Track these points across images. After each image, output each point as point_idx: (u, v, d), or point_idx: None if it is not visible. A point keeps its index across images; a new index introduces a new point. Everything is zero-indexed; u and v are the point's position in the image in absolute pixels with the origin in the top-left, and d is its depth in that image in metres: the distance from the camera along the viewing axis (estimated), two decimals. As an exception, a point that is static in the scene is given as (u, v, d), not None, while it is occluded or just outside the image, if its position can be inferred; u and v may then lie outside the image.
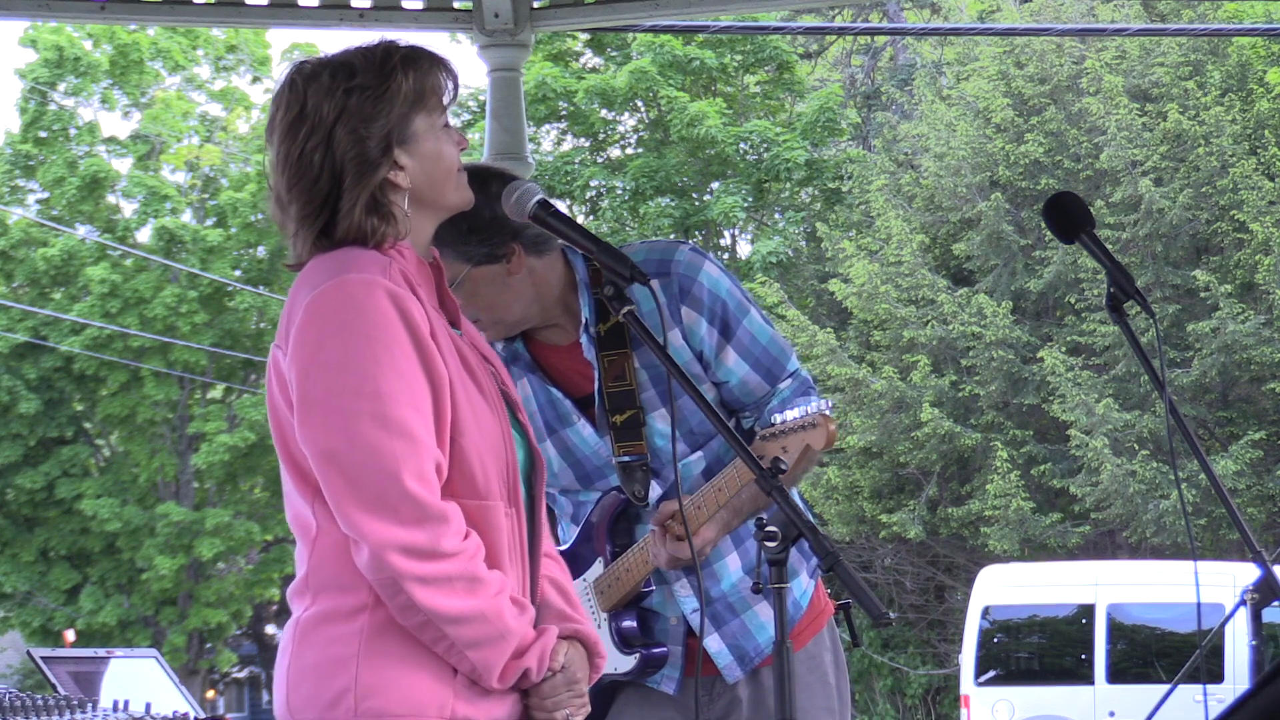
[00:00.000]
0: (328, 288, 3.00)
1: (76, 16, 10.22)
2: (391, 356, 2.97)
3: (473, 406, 3.07)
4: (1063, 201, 4.06)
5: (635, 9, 6.67)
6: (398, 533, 2.93)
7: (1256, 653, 3.98)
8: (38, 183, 32.73)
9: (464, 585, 2.96)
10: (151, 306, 31.30)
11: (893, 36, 29.18)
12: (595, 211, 27.37)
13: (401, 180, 3.10)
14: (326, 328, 2.99)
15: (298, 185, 3.09)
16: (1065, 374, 22.26)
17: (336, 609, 3.01)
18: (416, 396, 2.98)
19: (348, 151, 3.07)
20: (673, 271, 3.92)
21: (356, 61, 3.12)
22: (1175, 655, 17.85)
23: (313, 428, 2.98)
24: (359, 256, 3.05)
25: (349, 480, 2.95)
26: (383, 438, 2.94)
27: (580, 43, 28.35)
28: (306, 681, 3.00)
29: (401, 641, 2.98)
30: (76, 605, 32.02)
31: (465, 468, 3.04)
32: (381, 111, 3.09)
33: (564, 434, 3.99)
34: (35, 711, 5.61)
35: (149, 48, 32.78)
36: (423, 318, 3.03)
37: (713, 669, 3.96)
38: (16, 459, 31.73)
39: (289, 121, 3.11)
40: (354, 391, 2.96)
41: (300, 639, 3.03)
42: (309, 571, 3.05)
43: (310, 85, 3.11)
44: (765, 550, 3.17)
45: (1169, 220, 22.75)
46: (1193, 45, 23.74)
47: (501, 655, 2.99)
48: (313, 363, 2.99)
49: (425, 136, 3.13)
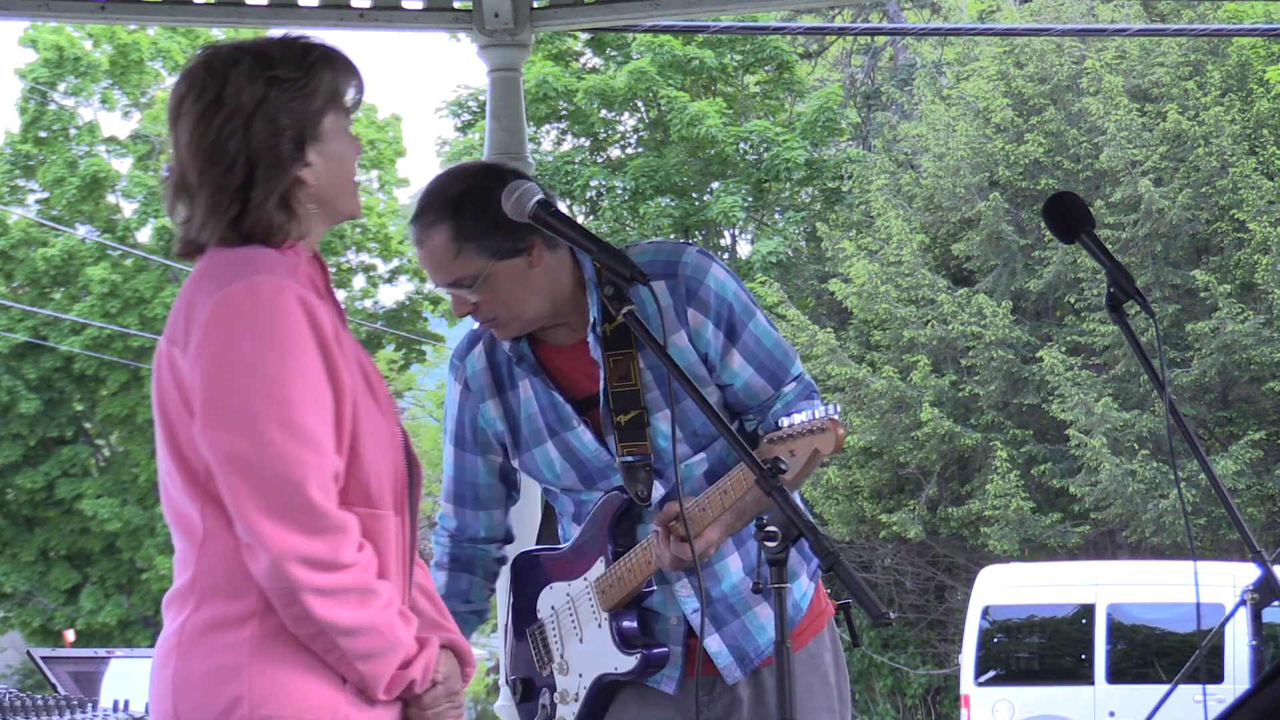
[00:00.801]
0: (237, 288, 2.95)
1: (76, 16, 10.23)
2: (300, 362, 2.93)
3: (370, 415, 3.05)
4: (1063, 201, 4.06)
5: (635, 9, 6.67)
6: (299, 542, 2.90)
7: (1256, 653, 3.99)
8: (38, 183, 32.73)
9: (358, 597, 2.95)
10: (151, 306, 31.31)
11: (893, 36, 29.19)
12: (595, 211, 27.37)
13: (309, 178, 3.06)
14: (235, 329, 2.93)
15: (209, 171, 3.03)
16: (1064, 374, 22.27)
17: (225, 616, 2.96)
18: (322, 404, 2.95)
19: (264, 142, 3.02)
20: (680, 273, 3.91)
21: (275, 52, 3.08)
22: (1175, 655, 17.86)
23: (218, 430, 2.93)
24: (266, 257, 3.00)
25: (254, 486, 2.91)
26: (289, 444, 2.91)
27: (580, 43, 28.35)
28: (195, 690, 2.96)
29: (292, 648, 2.95)
30: (76, 605, 32.02)
31: (361, 477, 3.01)
32: (300, 106, 3.04)
33: (565, 437, 3.98)
34: (35, 711, 5.61)
35: (149, 48, 32.78)
36: (329, 323, 3.00)
37: (713, 669, 3.96)
38: (16, 459, 31.73)
39: (205, 104, 3.04)
40: (262, 396, 2.91)
41: (187, 646, 2.98)
42: (194, 576, 2.99)
43: (230, 70, 3.05)
44: (765, 550, 3.17)
45: (1169, 220, 22.76)
46: (1193, 45, 23.74)
47: (390, 667, 2.99)
48: (220, 364, 2.93)
49: (334, 137, 3.09)
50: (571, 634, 4.00)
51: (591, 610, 3.97)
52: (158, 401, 3.05)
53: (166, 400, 3.02)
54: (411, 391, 35.57)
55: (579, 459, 3.98)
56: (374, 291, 34.44)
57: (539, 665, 4.06)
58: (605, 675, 3.96)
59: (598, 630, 3.96)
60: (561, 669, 4.02)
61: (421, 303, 33.95)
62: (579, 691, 3.99)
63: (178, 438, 3.01)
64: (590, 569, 3.98)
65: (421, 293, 33.98)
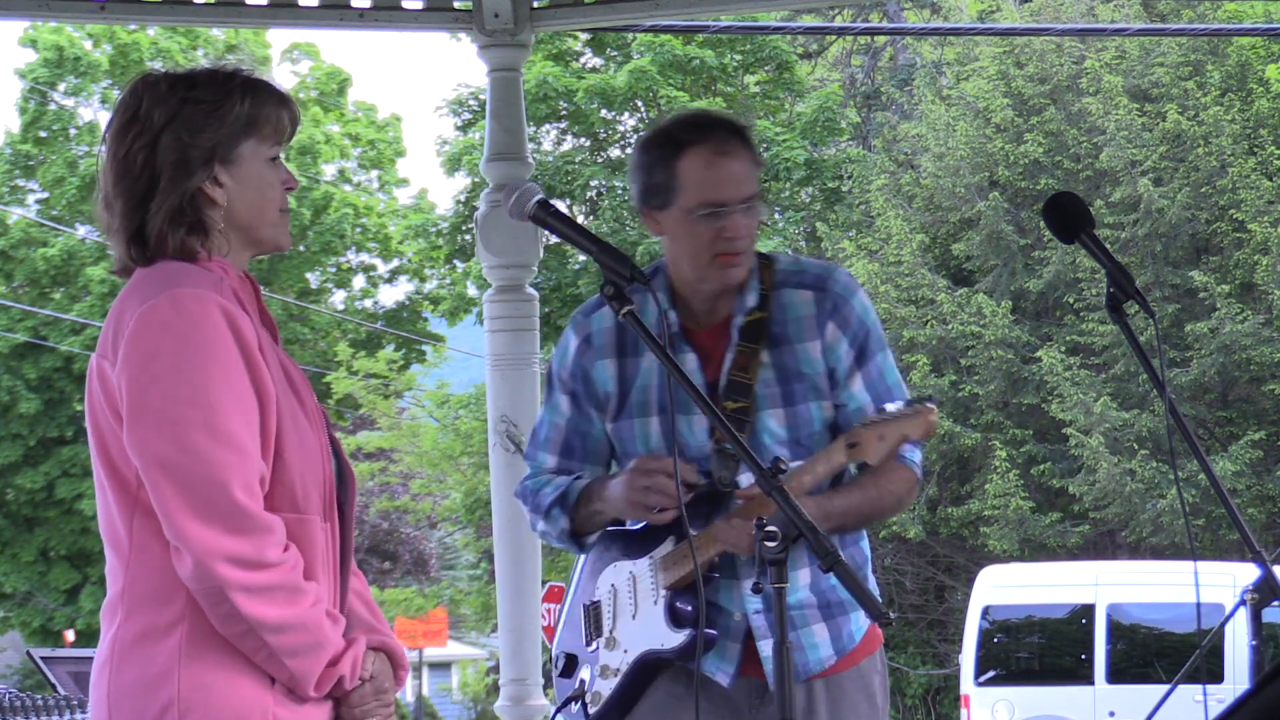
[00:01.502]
0: (160, 300, 3.04)
1: (76, 16, 10.23)
2: (223, 369, 3.02)
3: (295, 422, 3.12)
4: (1062, 201, 4.06)
5: (635, 9, 6.68)
6: (224, 541, 2.98)
7: (1256, 653, 3.99)
8: (38, 183, 32.74)
9: (285, 595, 3.02)
10: (151, 306, 31.32)
11: (893, 36, 29.19)
12: (595, 211, 27.36)
13: (218, 196, 3.14)
14: (159, 339, 3.03)
15: (120, 184, 3.14)
16: (1063, 373, 22.27)
17: (154, 624, 3.04)
18: (245, 410, 3.03)
19: (167, 158, 3.12)
20: (829, 288, 4.06)
21: (199, 77, 3.18)
22: (1175, 655, 17.84)
23: (143, 435, 3.02)
24: (188, 272, 3.09)
25: (178, 488, 2.99)
26: (213, 448, 2.99)
27: (580, 43, 28.34)
28: (127, 700, 3.03)
29: (220, 651, 3.02)
30: (76, 605, 32.04)
31: (286, 482, 3.09)
32: (210, 126, 3.14)
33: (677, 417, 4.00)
34: (35, 711, 5.62)
35: (149, 48, 32.77)
36: (252, 334, 3.08)
37: (762, 673, 3.99)
38: (16, 459, 31.74)
39: (122, 123, 3.16)
40: (186, 402, 3.00)
41: (119, 657, 3.06)
42: (124, 587, 3.08)
43: (148, 92, 3.16)
44: (765, 550, 3.17)
45: (1168, 220, 22.76)
46: (1192, 45, 23.74)
47: (318, 664, 3.06)
48: (145, 372, 3.02)
49: (250, 162, 3.17)
50: (626, 610, 4.02)
51: (651, 587, 4.00)
52: (90, 415, 3.14)
53: (97, 413, 3.12)
54: (411, 392, 35.54)
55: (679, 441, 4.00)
56: (374, 291, 34.45)
57: (586, 641, 4.08)
58: (651, 652, 3.98)
59: (652, 607, 3.98)
60: (609, 644, 4.05)
61: (421, 303, 33.94)
62: (621, 666, 4.01)
63: (108, 449, 3.10)
64: (658, 547, 4.01)
65: (421, 293, 33.97)
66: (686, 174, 4.00)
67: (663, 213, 4.03)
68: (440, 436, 34.31)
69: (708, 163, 4.00)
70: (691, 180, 3.99)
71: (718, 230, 3.98)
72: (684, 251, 4.03)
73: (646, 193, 4.05)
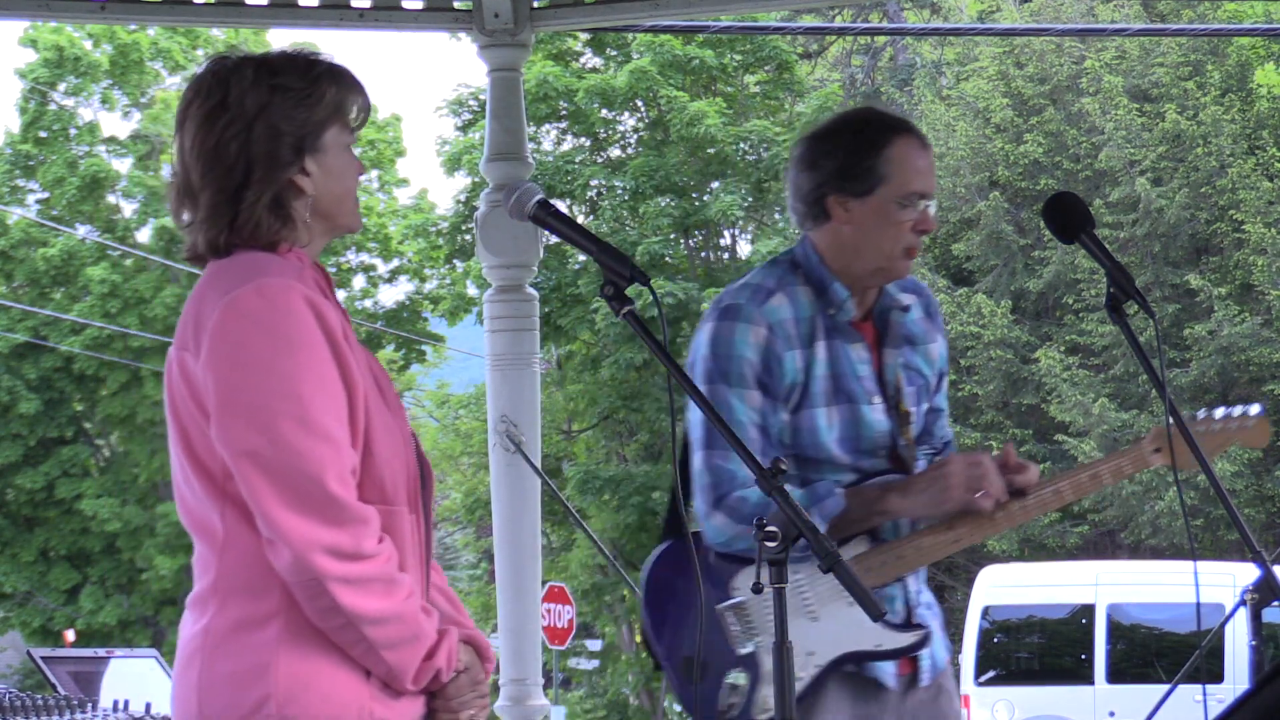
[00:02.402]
0: (246, 291, 3.00)
1: (76, 16, 10.23)
2: (311, 361, 2.98)
3: (381, 414, 3.09)
4: (1062, 202, 4.06)
5: (635, 9, 6.68)
6: (321, 533, 2.94)
7: (1256, 653, 4.00)
8: (38, 183, 32.73)
9: (382, 587, 2.99)
10: (151, 306, 31.31)
11: (893, 36, 29.18)
12: (595, 211, 27.35)
13: (306, 186, 3.11)
14: (246, 330, 2.99)
15: (210, 174, 3.08)
16: (1062, 374, 22.27)
17: (250, 616, 3.00)
18: (335, 402, 2.99)
19: (263, 147, 3.07)
20: (925, 293, 4.19)
21: (279, 63, 3.14)
22: (1175, 655, 17.83)
23: (234, 429, 2.97)
24: (270, 261, 3.06)
25: (272, 481, 2.95)
26: (306, 440, 2.95)
27: (580, 43, 28.34)
28: (222, 691, 2.99)
29: (317, 645, 2.99)
30: (76, 605, 32.02)
31: (375, 474, 3.06)
32: (301, 115, 3.10)
33: (857, 407, 4.04)
34: (35, 711, 5.61)
35: (149, 48, 32.77)
36: (338, 323, 3.05)
37: (914, 666, 4.07)
38: (16, 459, 31.73)
39: (208, 110, 3.10)
40: (276, 393, 2.96)
41: (213, 647, 3.01)
42: (217, 578, 3.03)
43: (234, 78, 3.11)
44: (765, 550, 3.16)
45: (1167, 220, 22.76)
46: (1192, 45, 23.74)
47: (416, 656, 3.03)
48: (233, 365, 2.98)
49: (334, 150, 3.14)
50: (796, 614, 3.92)
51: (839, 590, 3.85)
52: (170, 408, 3.09)
53: (179, 406, 3.06)
54: (411, 392, 35.53)
55: (858, 431, 4.03)
56: (374, 291, 34.42)
57: (733, 643, 3.98)
58: (860, 653, 3.98)
59: (848, 609, 3.92)
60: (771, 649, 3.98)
61: (422, 303, 33.92)
62: (802, 671, 3.95)
63: (192, 442, 3.05)
64: (842, 547, 3.97)
65: (421, 293, 33.96)
66: (896, 161, 4.00)
67: (860, 200, 4.01)
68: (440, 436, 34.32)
69: (917, 153, 4.02)
70: (901, 168, 4.00)
71: (915, 221, 4.01)
72: (874, 240, 4.02)
73: (843, 178, 4.02)
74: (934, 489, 3.98)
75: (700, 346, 4.05)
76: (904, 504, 4.01)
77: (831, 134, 4.08)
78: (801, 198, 4.10)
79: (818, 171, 4.06)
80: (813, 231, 4.10)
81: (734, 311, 4.02)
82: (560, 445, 29.40)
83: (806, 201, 4.09)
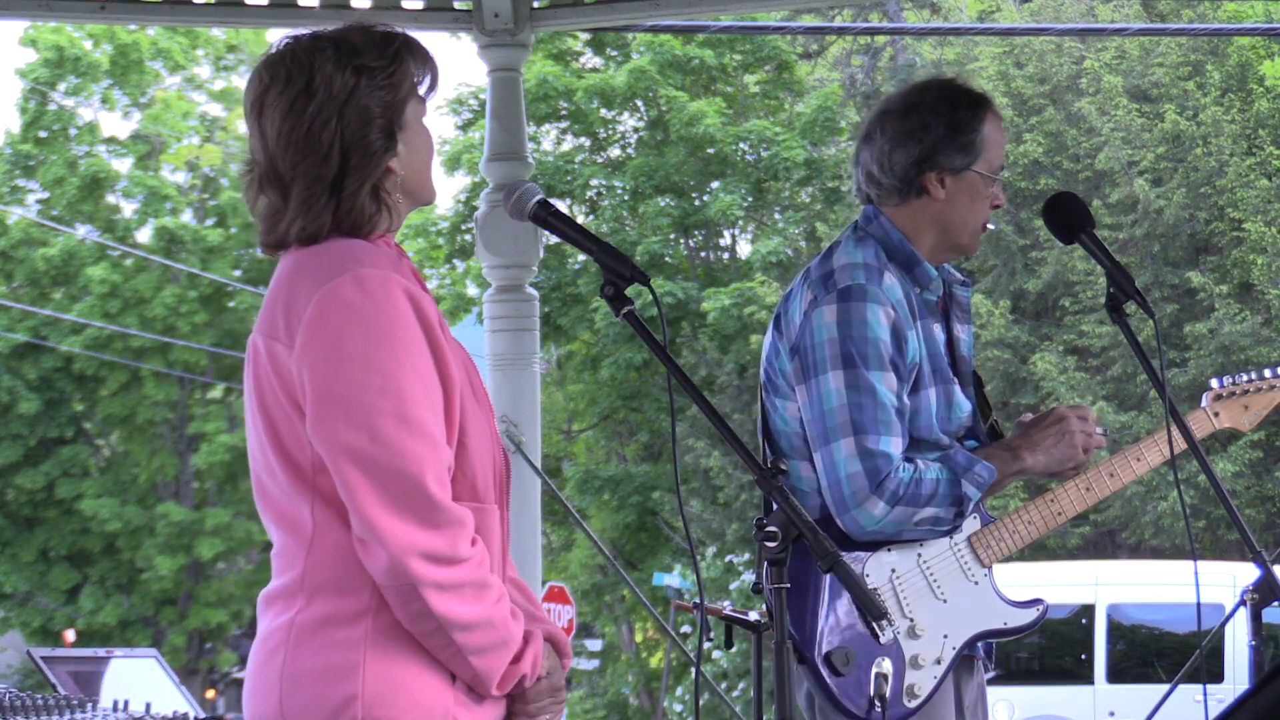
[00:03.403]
0: (342, 282, 2.90)
1: (76, 16, 10.22)
2: (410, 355, 2.90)
3: (473, 409, 3.02)
4: (1062, 202, 4.06)
5: (635, 9, 6.68)
6: (419, 537, 2.86)
7: (1256, 653, 3.99)
8: (38, 183, 32.72)
9: (474, 591, 2.92)
10: (151, 306, 31.30)
11: (893, 36, 29.17)
12: (595, 211, 27.35)
13: (397, 167, 3.03)
14: (344, 323, 2.89)
15: (304, 163, 2.98)
16: (1060, 375, 22.27)
17: (338, 612, 2.92)
18: (433, 397, 2.92)
19: (357, 132, 2.98)
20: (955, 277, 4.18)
21: (358, 41, 3.03)
22: (1175, 655, 17.82)
23: (331, 425, 2.88)
24: (365, 250, 2.96)
25: (371, 480, 2.86)
26: (406, 438, 2.87)
27: (580, 43, 28.33)
28: (305, 687, 2.91)
29: (405, 647, 2.92)
30: (76, 605, 32.00)
31: (469, 471, 2.99)
32: (388, 95, 3.01)
33: (950, 388, 4.02)
34: (35, 711, 5.60)
35: (149, 48, 32.76)
36: (435, 315, 2.98)
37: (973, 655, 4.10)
38: (16, 459, 31.72)
39: (294, 94, 2.98)
40: (376, 389, 2.87)
41: (297, 641, 2.93)
42: (305, 572, 2.94)
43: (316, 58, 2.99)
44: (765, 550, 3.16)
45: (1166, 220, 22.75)
46: (1192, 45, 23.72)
47: (503, 662, 2.96)
48: (331, 359, 2.88)
49: (414, 125, 3.07)
50: (925, 596, 3.94)
51: (960, 569, 3.98)
52: (256, 398, 2.99)
53: (267, 397, 2.97)
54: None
55: (949, 413, 4.01)
56: (374, 291, 34.39)
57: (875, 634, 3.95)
58: (989, 632, 4.02)
59: (974, 588, 4.01)
60: (911, 633, 3.96)
61: (421, 303, 33.91)
62: (942, 654, 3.95)
63: (280, 435, 2.96)
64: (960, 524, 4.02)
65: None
66: (989, 137, 4.02)
67: (956, 175, 3.98)
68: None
69: (999, 127, 4.05)
70: (992, 144, 4.03)
71: (994, 196, 4.03)
72: (963, 216, 4.00)
73: (944, 151, 3.97)
74: (1063, 444, 3.99)
75: (824, 330, 3.92)
76: (1037, 463, 4.02)
77: (925, 108, 4.00)
78: (895, 173, 3.99)
79: (916, 145, 3.98)
80: (894, 208, 4.01)
81: (859, 292, 3.91)
82: (560, 445, 29.40)
83: (901, 177, 3.99)
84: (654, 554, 26.41)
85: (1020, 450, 3.98)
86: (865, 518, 3.90)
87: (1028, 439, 3.99)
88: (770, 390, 4.06)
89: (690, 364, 25.07)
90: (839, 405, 3.89)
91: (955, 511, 3.97)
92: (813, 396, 3.92)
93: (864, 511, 3.90)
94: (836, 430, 3.89)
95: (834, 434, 3.89)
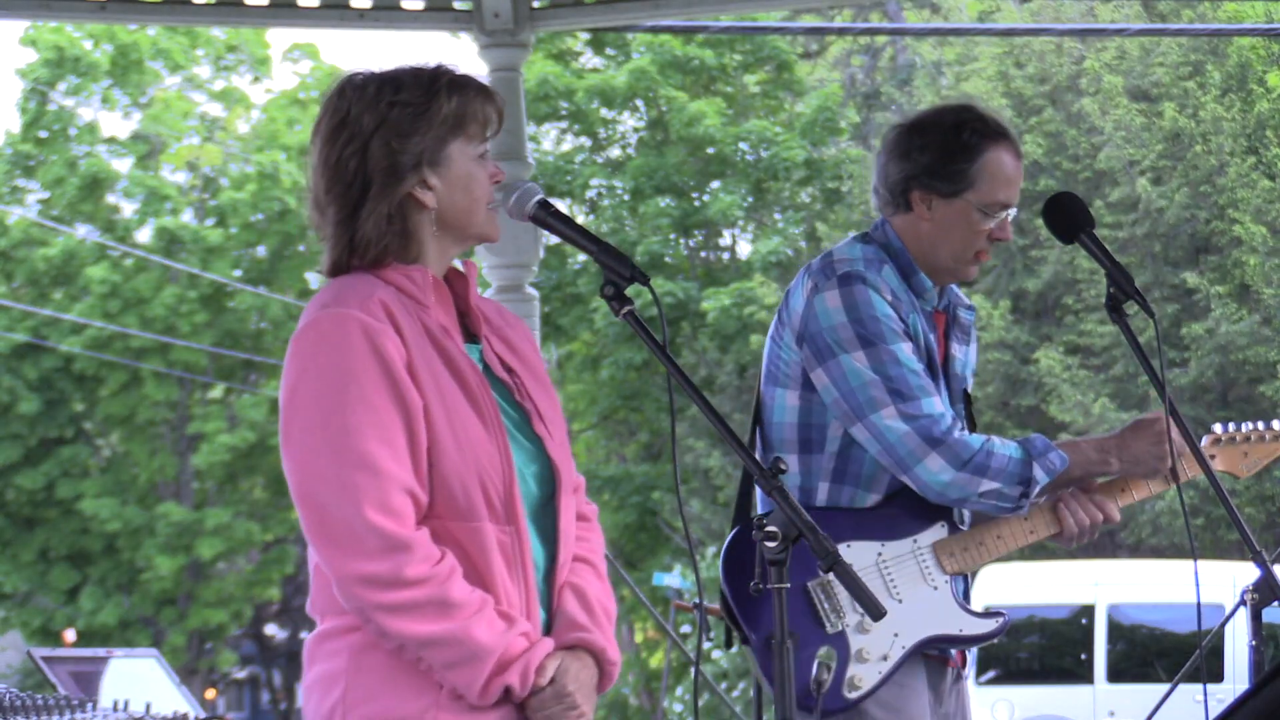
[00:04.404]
0: (304, 325, 3.10)
1: (76, 16, 10.23)
2: (360, 389, 3.03)
3: (454, 429, 3.10)
4: (1062, 202, 4.06)
5: (635, 9, 6.68)
6: (360, 565, 3.01)
7: (1256, 653, 3.99)
8: (38, 183, 32.71)
9: (434, 609, 3.02)
10: (151, 306, 31.29)
11: (893, 36, 29.17)
12: (595, 211, 27.36)
13: (429, 200, 3.16)
14: (300, 366, 3.09)
15: (334, 189, 3.15)
16: (1062, 374, 22.26)
17: (334, 628, 3.13)
18: (385, 428, 3.04)
19: (379, 163, 3.13)
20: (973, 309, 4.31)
21: (405, 78, 3.19)
22: (1175, 655, 17.83)
23: (285, 464, 3.10)
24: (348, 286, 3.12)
25: (313, 515, 3.05)
26: (341, 471, 3.02)
27: (580, 43, 28.34)
28: (313, 694, 3.14)
29: (387, 657, 3.07)
30: (76, 605, 32.00)
31: (446, 490, 3.08)
32: (419, 129, 3.15)
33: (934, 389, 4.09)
34: (35, 711, 5.60)
35: (149, 48, 32.75)
36: (397, 350, 3.07)
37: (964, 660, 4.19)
38: (16, 459, 31.71)
39: (332, 127, 3.17)
40: (318, 427, 3.04)
41: (309, 655, 3.17)
42: (314, 594, 3.17)
43: (356, 95, 3.17)
44: (765, 550, 3.16)
45: (1167, 220, 22.76)
46: (1193, 45, 23.72)
47: (479, 674, 3.04)
48: (288, 402, 3.09)
49: (458, 162, 3.18)
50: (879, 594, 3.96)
51: (921, 572, 3.99)
52: None
53: None
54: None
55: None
56: (374, 291, 34.39)
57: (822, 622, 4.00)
58: (943, 637, 4.02)
59: (932, 592, 4.00)
60: (860, 628, 4.00)
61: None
62: (890, 652, 3.99)
63: None
64: (923, 531, 4.02)
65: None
66: (987, 170, 4.00)
67: (945, 200, 4.02)
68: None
69: (1009, 163, 4.02)
70: (991, 177, 4.01)
71: (993, 230, 4.03)
72: (949, 242, 4.04)
73: (934, 175, 4.02)
74: (1157, 450, 4.04)
75: (830, 314, 4.00)
76: (1124, 465, 4.08)
77: (929, 128, 4.06)
78: (887, 185, 4.09)
79: (908, 163, 4.05)
80: (894, 218, 4.10)
81: (858, 277, 4.00)
82: (560, 445, 29.37)
83: (892, 190, 4.08)
84: (654, 554, 26.42)
85: (1109, 451, 4.07)
86: (927, 474, 3.97)
87: (1124, 442, 4.07)
88: (770, 381, 4.13)
89: (690, 364, 25.08)
90: (869, 380, 3.96)
91: (1021, 492, 4.01)
92: (835, 376, 3.99)
93: (924, 468, 3.97)
94: (874, 402, 3.96)
95: (870, 406, 3.97)
